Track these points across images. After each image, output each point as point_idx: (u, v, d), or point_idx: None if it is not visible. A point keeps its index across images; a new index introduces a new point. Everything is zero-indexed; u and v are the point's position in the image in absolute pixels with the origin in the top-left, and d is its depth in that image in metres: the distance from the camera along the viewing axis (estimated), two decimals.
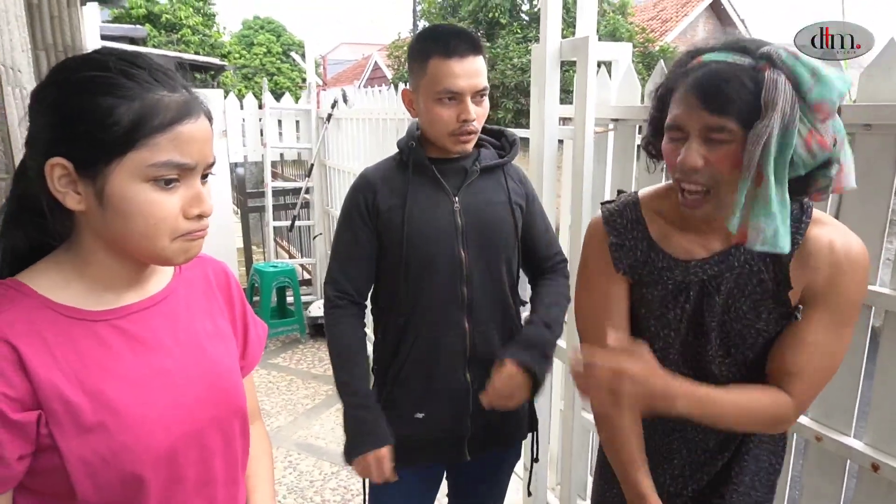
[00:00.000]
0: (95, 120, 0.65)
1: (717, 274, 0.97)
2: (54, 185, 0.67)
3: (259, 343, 0.95)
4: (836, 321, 0.94)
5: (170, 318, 0.79)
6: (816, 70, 0.80)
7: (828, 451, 1.33)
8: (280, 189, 4.94)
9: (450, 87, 1.23)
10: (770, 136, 0.79)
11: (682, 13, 15.49)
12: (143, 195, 0.68)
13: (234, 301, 0.91)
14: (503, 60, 12.01)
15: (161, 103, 0.67)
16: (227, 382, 0.82)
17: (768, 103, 0.80)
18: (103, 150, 0.66)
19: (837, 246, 0.91)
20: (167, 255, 0.72)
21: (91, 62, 0.68)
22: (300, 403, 3.40)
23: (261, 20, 22.99)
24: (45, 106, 0.67)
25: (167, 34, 16.61)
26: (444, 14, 14.14)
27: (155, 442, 0.72)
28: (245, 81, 20.26)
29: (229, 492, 0.84)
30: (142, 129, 0.66)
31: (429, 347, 1.35)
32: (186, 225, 0.71)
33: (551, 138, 1.91)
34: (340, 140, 4.26)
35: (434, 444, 1.39)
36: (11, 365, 0.65)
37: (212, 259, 0.91)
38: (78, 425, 0.67)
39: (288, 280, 4.28)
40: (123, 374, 0.72)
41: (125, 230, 0.69)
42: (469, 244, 1.33)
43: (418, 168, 1.34)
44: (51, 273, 0.72)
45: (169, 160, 0.68)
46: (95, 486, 0.69)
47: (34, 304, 0.69)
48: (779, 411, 0.95)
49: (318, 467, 2.77)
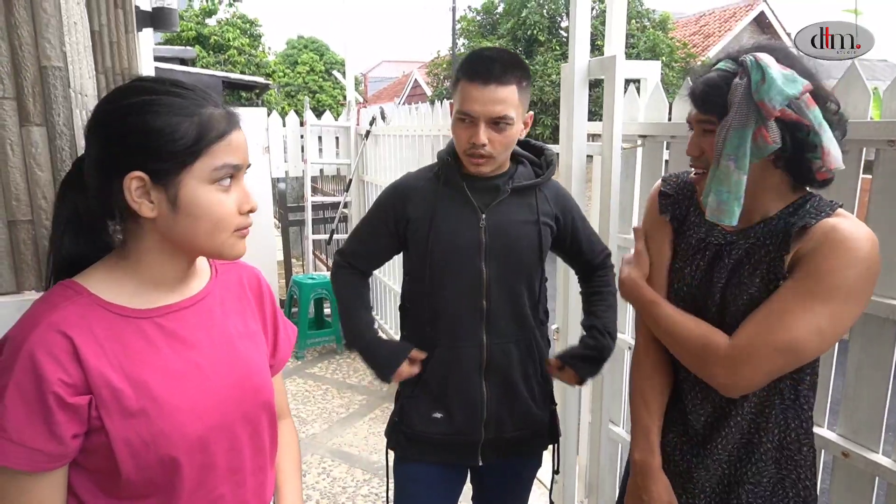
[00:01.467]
0: (166, 137, 0.75)
1: (732, 242, 1.08)
2: (132, 197, 0.76)
3: (288, 343, 1.02)
4: (804, 290, 0.94)
5: (205, 317, 0.87)
6: (766, 74, 0.93)
7: (855, 468, 1.32)
8: (319, 203, 5.09)
9: (465, 109, 1.29)
10: (729, 128, 0.95)
11: (725, 28, 15.27)
12: (210, 196, 0.78)
13: (265, 304, 0.99)
14: (541, 77, 12.06)
15: (213, 117, 0.78)
16: (255, 378, 0.89)
17: (729, 102, 0.97)
18: (175, 161, 0.75)
19: (839, 227, 0.94)
20: (226, 249, 0.81)
21: (144, 88, 0.77)
22: (335, 412, 3.48)
23: (304, 39, 23.64)
24: (113, 130, 0.76)
25: (215, 55, 17.24)
26: (483, 32, 14.32)
27: (188, 429, 0.79)
28: (288, 99, 20.83)
29: (257, 479, 0.91)
30: (204, 139, 0.76)
31: (448, 355, 1.41)
32: (240, 220, 0.81)
33: (580, 154, 1.95)
34: (378, 156, 4.37)
35: (450, 444, 1.45)
36: (67, 354, 0.73)
37: (246, 265, 0.99)
38: (122, 410, 0.75)
39: (325, 292, 4.38)
40: (162, 367, 0.80)
41: (194, 229, 0.78)
42: (491, 260, 1.37)
43: (450, 182, 1.40)
44: (103, 275, 0.81)
45: (227, 163, 0.78)
46: (137, 465, 0.77)
47: (87, 302, 0.77)
48: (708, 342, 1.01)
49: (350, 474, 2.83)
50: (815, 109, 0.94)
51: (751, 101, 0.94)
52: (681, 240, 1.17)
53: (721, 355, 0.99)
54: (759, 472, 1.09)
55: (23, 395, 0.71)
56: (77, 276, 0.81)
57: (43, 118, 0.95)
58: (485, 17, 14.59)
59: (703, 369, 1.04)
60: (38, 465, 0.72)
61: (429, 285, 1.40)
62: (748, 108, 0.94)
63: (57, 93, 0.95)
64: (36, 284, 0.99)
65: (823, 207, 0.99)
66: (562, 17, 12.96)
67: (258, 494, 0.91)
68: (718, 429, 1.10)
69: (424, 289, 1.41)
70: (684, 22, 16.61)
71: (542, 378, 1.49)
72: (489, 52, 1.36)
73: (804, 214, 0.99)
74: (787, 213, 1.03)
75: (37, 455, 0.72)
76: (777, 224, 1.03)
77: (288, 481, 1.00)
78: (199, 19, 17.52)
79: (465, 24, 14.93)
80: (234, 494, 0.87)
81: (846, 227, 0.94)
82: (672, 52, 12.33)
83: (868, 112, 1.24)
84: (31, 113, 0.94)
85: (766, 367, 0.97)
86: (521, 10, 12.92)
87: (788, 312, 0.95)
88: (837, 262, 0.92)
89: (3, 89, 0.92)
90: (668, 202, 1.20)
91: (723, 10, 16.25)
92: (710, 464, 1.12)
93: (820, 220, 0.96)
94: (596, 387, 2.02)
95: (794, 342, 0.95)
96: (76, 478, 0.79)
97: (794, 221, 0.99)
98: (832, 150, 0.95)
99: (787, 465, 1.09)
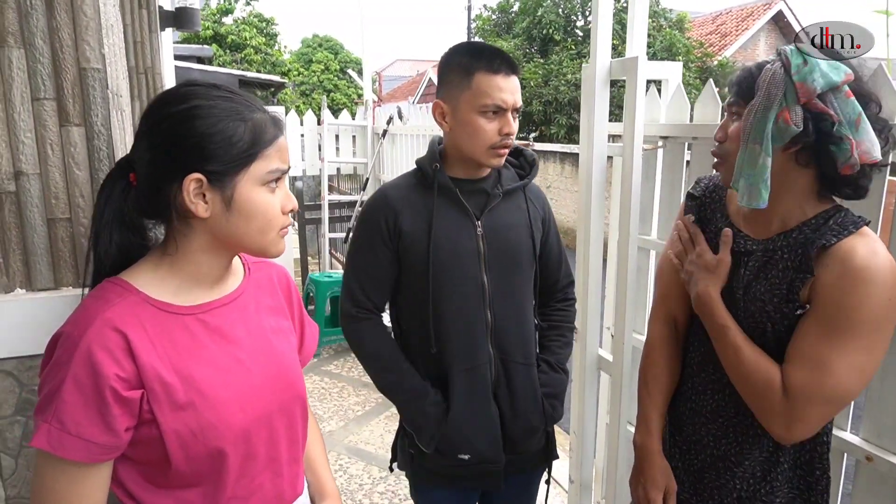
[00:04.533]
0: (224, 141, 0.77)
1: (750, 251, 1.07)
2: (189, 198, 0.78)
3: (313, 340, 1.05)
4: (836, 331, 0.93)
5: (242, 313, 0.89)
6: (808, 58, 0.94)
7: (879, 472, 1.31)
8: (336, 202, 5.12)
9: (496, 100, 1.26)
10: (755, 111, 0.96)
11: (742, 27, 15.14)
12: (262, 197, 0.81)
13: (293, 301, 1.02)
14: (557, 76, 12.03)
15: (264, 122, 0.81)
16: (290, 372, 0.92)
17: (757, 86, 0.97)
18: (232, 164, 0.78)
19: (858, 254, 0.92)
20: (271, 246, 0.84)
21: (199, 94, 0.79)
22: (351, 410, 3.50)
23: (320, 38, 23.76)
24: (170, 135, 0.78)
25: (232, 53, 17.39)
26: (498, 31, 14.31)
27: (234, 421, 0.82)
28: (303, 98, 20.95)
29: (292, 470, 0.94)
30: (258, 144, 0.80)
31: (464, 384, 1.35)
32: (284, 220, 0.85)
33: (600, 155, 1.95)
34: (395, 155, 4.39)
35: (476, 475, 1.40)
36: (122, 351, 0.76)
37: (274, 264, 1.01)
38: (172, 403, 0.78)
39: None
40: (208, 361, 0.82)
41: (246, 228, 0.81)
42: (491, 268, 1.34)
43: (442, 190, 1.33)
44: (149, 273, 0.83)
45: (278, 167, 0.82)
46: (186, 456, 0.79)
47: (137, 300, 0.80)
48: (768, 386, 0.98)
49: (367, 471, 2.85)
50: (852, 101, 0.93)
51: (780, 84, 0.94)
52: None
53: (777, 409, 0.98)
54: (772, 490, 1.09)
55: (80, 389, 0.73)
56: (123, 273, 0.83)
57: (82, 118, 0.98)
58: (500, 16, 14.59)
59: (759, 413, 1.03)
60: (94, 456, 0.75)
61: (431, 301, 1.32)
62: (776, 90, 0.94)
63: (96, 94, 0.97)
64: (73, 281, 1.02)
65: (847, 224, 0.96)
66: (577, 17, 12.92)
67: (292, 485, 0.94)
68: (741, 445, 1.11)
69: (424, 306, 1.33)
70: (701, 21, 16.48)
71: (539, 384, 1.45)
72: (487, 45, 1.35)
73: (826, 231, 0.97)
74: (809, 228, 1.00)
75: (93, 447, 0.74)
76: (797, 238, 1.01)
77: (322, 467, 1.04)
78: (216, 18, 17.68)
79: (481, 23, 14.93)
80: (272, 483, 0.90)
81: (864, 255, 0.92)
82: (689, 51, 12.24)
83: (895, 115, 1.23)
84: (71, 113, 0.97)
85: (819, 418, 0.98)
86: (537, 9, 12.90)
87: (829, 359, 0.94)
88: (860, 297, 0.91)
89: (45, 90, 0.95)
90: (694, 204, 1.21)
91: (740, 9, 16.10)
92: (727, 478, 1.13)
93: (841, 240, 0.94)
94: (614, 388, 2.02)
95: (842, 388, 0.94)
96: (124, 470, 0.81)
97: (815, 239, 0.97)
98: (866, 140, 0.93)
99: (800, 485, 1.09)
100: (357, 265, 1.39)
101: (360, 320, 1.37)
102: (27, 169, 0.96)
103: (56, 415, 0.73)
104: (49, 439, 0.73)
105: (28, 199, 0.97)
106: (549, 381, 1.43)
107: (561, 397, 1.45)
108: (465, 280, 1.33)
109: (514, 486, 1.49)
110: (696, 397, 1.18)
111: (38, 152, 0.96)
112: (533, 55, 12.91)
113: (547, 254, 1.47)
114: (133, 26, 1.98)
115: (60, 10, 0.93)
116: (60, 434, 0.73)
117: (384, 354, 1.37)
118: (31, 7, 0.91)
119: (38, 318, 0.98)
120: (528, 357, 1.41)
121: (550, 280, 1.50)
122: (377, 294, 1.39)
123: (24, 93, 0.93)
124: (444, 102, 1.32)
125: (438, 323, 1.34)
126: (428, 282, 1.32)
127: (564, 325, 1.51)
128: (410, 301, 1.38)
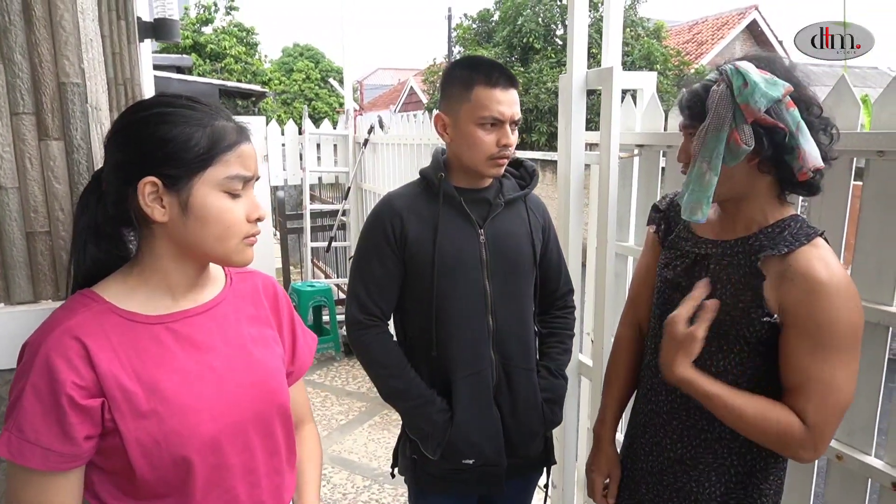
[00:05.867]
0: (179, 145, 0.79)
1: (709, 254, 1.13)
2: (145, 201, 0.79)
3: (308, 351, 1.05)
4: (819, 347, 0.98)
5: (220, 322, 0.90)
6: (748, 78, 0.98)
7: (849, 470, 1.35)
8: (318, 211, 5.11)
9: (494, 113, 1.30)
10: (706, 132, 1.01)
11: (717, 35, 15.41)
12: (219, 203, 0.81)
13: (281, 311, 1.01)
14: (537, 84, 12.14)
15: (225, 129, 0.82)
16: (270, 381, 0.92)
17: (707, 108, 1.02)
18: (188, 167, 0.79)
19: (816, 268, 0.98)
20: (234, 255, 0.84)
21: (164, 102, 0.81)
22: (334, 419, 3.49)
23: (300, 47, 23.71)
24: (130, 138, 0.80)
25: (212, 63, 17.28)
26: (479, 40, 14.41)
27: (201, 429, 0.82)
28: (284, 107, 20.86)
29: (272, 481, 0.93)
30: (216, 149, 0.80)
31: (468, 390, 1.37)
32: (248, 228, 0.85)
33: (578, 163, 1.98)
34: (377, 164, 4.41)
35: (478, 477, 1.43)
36: (81, 359, 0.76)
37: (262, 274, 1.02)
38: (134, 411, 0.78)
39: (324, 299, 4.41)
40: (175, 369, 0.83)
41: (203, 234, 0.81)
42: (493, 275, 1.37)
43: (446, 199, 1.37)
44: (118, 284, 0.84)
45: (238, 173, 0.82)
46: (150, 465, 0.79)
47: (102, 310, 0.81)
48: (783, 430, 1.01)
49: (350, 481, 2.85)
50: (794, 111, 0.99)
51: (727, 106, 0.98)
52: (666, 251, 1.24)
53: (802, 442, 1.01)
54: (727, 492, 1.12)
55: (38, 396, 0.74)
56: (95, 285, 0.84)
57: (61, 132, 0.98)
58: (481, 24, 14.69)
59: (784, 450, 1.05)
60: (52, 464, 0.75)
61: (435, 306, 1.35)
62: (725, 112, 0.99)
63: (75, 108, 0.98)
64: (53, 294, 1.02)
65: (800, 237, 1.02)
66: (557, 25, 13.06)
67: (275, 496, 0.93)
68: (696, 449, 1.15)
69: (429, 311, 1.36)
70: (678, 30, 16.75)
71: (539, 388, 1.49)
72: (487, 58, 1.39)
73: (780, 241, 1.02)
74: (765, 236, 1.05)
75: (50, 455, 0.75)
76: (753, 244, 1.06)
77: (307, 483, 1.02)
78: (196, 27, 17.57)
79: (462, 32, 15.02)
80: (248, 495, 0.89)
81: (822, 269, 0.97)
82: (666, 60, 12.43)
83: (858, 122, 1.28)
84: (50, 127, 0.97)
85: (835, 429, 1.03)
86: (517, 18, 13.01)
87: (832, 377, 0.98)
88: (836, 311, 0.97)
89: (24, 105, 0.95)
90: (658, 216, 1.29)
91: (716, 18, 16.40)
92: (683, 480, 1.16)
93: (793, 251, 1.00)
94: (595, 393, 2.04)
95: (848, 397, 1.00)
96: (97, 479, 0.82)
97: (768, 246, 1.03)
98: (809, 150, 0.98)
99: (753, 493, 1.12)
100: (364, 272, 1.40)
101: (367, 327, 1.39)
102: (6, 183, 0.96)
103: (17, 422, 0.74)
104: (10, 447, 0.74)
105: (7, 212, 0.97)
106: (549, 387, 1.47)
107: (560, 402, 1.49)
108: (468, 286, 1.36)
109: (511, 490, 1.52)
110: (655, 398, 1.22)
111: (17, 166, 0.96)
112: (513, 64, 13.01)
113: (547, 262, 1.51)
114: (111, 38, 1.98)
115: (40, 26, 0.93)
116: (20, 441, 0.74)
117: (391, 362, 1.38)
118: (9, 23, 0.91)
119: (16, 332, 0.97)
120: (528, 362, 1.44)
121: (550, 287, 1.53)
122: (384, 300, 1.40)
123: (3, 107, 0.94)
124: (445, 114, 1.37)
125: (442, 328, 1.36)
126: (432, 287, 1.35)
127: (564, 331, 1.54)
128: (415, 307, 1.40)
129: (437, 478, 1.42)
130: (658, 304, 1.23)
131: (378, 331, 1.40)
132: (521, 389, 1.42)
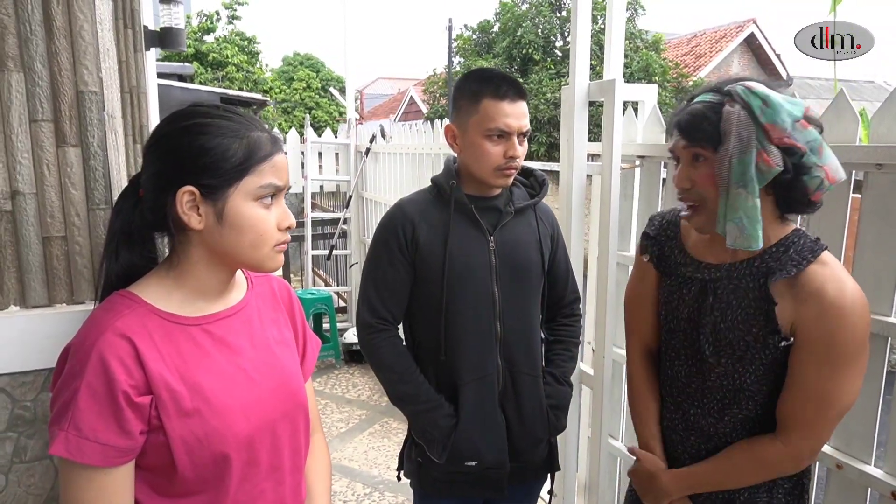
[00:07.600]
0: (218, 155, 0.81)
1: (716, 279, 1.10)
2: (182, 209, 0.81)
3: (314, 354, 1.08)
4: (825, 363, 0.99)
5: (246, 324, 0.93)
6: (766, 98, 0.96)
7: (849, 479, 1.36)
8: (319, 219, 5.13)
9: (501, 125, 1.33)
10: (731, 157, 0.98)
11: (716, 48, 15.53)
12: (253, 211, 0.83)
13: (295, 314, 1.04)
14: (536, 95, 12.22)
15: (260, 140, 0.84)
16: (293, 382, 0.95)
17: (725, 131, 0.99)
18: (225, 178, 0.81)
19: (829, 289, 0.98)
20: (266, 261, 0.86)
21: (202, 112, 0.84)
22: (335, 427, 3.49)
23: (301, 56, 23.84)
24: (170, 148, 0.83)
25: (213, 71, 17.36)
26: (479, 51, 14.51)
27: (238, 427, 0.85)
28: (285, 115, 20.94)
29: (294, 479, 0.96)
30: (251, 159, 0.83)
31: (474, 395, 1.39)
32: (279, 236, 0.87)
33: (580, 174, 2.01)
34: (378, 173, 4.43)
35: (481, 480, 1.44)
36: (132, 359, 0.79)
37: (276, 277, 1.04)
38: (179, 410, 0.81)
39: (324, 307, 4.41)
40: (213, 370, 0.85)
41: (238, 241, 0.84)
42: (502, 282, 1.40)
43: (458, 206, 1.40)
44: (155, 286, 0.86)
45: (271, 183, 0.84)
46: (192, 462, 0.82)
47: (145, 311, 0.83)
48: (761, 460, 1.04)
49: (351, 488, 2.85)
50: (810, 130, 0.98)
51: (749, 127, 0.97)
52: (666, 279, 1.21)
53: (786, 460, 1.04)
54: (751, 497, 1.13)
55: (94, 395, 0.76)
56: (132, 286, 0.86)
57: (78, 139, 1.00)
58: (481, 35, 14.81)
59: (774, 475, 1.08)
60: (111, 459, 0.77)
61: (445, 311, 1.38)
62: (747, 134, 0.97)
63: (92, 116, 1.00)
64: (67, 298, 1.03)
65: (805, 253, 1.02)
66: (556, 37, 13.16)
67: (295, 493, 0.96)
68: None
69: (438, 316, 1.38)
70: (676, 43, 16.88)
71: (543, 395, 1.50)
72: (498, 71, 1.41)
73: (787, 261, 1.02)
74: (770, 256, 1.05)
75: (109, 450, 0.77)
76: (759, 266, 1.06)
77: (319, 495, 1.04)
78: (198, 36, 17.67)
79: (462, 43, 15.12)
80: (274, 491, 0.92)
81: (835, 290, 0.98)
82: (665, 72, 12.53)
83: (857, 135, 1.31)
84: (68, 135, 0.99)
85: (825, 436, 1.05)
86: (517, 29, 13.12)
87: (836, 389, 1.00)
88: (848, 332, 0.98)
89: (42, 112, 0.97)
90: (650, 243, 1.25)
91: (714, 31, 16.54)
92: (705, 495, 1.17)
93: (801, 271, 1.00)
94: (596, 402, 2.06)
95: (844, 407, 1.02)
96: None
97: (776, 269, 1.03)
98: (831, 164, 0.99)
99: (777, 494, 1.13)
100: (375, 276, 1.42)
101: (378, 331, 1.41)
102: (24, 188, 0.98)
103: (73, 422, 0.75)
104: (67, 446, 0.75)
105: (24, 217, 0.99)
106: (554, 393, 1.49)
107: (565, 409, 1.51)
108: (477, 292, 1.38)
109: (515, 495, 1.53)
110: (671, 415, 1.22)
111: (35, 172, 0.98)
112: (513, 74, 13.10)
113: (555, 270, 1.53)
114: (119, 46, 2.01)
115: (60, 36, 0.96)
116: (78, 440, 0.75)
117: (401, 366, 1.41)
118: (31, 33, 0.94)
119: (32, 335, 0.99)
120: (534, 369, 1.46)
121: (557, 295, 1.55)
122: (394, 304, 1.42)
123: (23, 115, 0.96)
124: (455, 126, 1.40)
125: (450, 332, 1.39)
126: (442, 293, 1.37)
127: (570, 339, 1.56)
128: (424, 311, 1.43)
129: (441, 481, 1.44)
130: (665, 330, 1.21)
131: (388, 335, 1.42)
132: (526, 395, 1.44)
